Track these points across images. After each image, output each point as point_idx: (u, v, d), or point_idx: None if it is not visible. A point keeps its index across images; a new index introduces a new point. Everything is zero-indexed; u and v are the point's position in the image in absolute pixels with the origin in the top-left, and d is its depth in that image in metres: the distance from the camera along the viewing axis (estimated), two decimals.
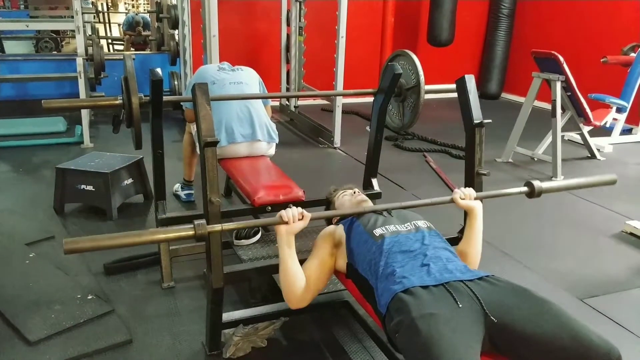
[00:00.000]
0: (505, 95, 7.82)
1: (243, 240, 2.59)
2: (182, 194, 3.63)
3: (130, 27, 8.98)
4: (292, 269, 1.81)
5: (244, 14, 6.55)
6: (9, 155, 4.52)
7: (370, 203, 2.17)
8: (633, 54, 5.45)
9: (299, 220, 1.78)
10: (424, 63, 2.56)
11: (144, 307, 2.46)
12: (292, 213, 1.77)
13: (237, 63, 3.33)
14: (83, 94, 4.74)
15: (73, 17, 4.60)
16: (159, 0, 6.27)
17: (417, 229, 1.82)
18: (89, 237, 1.55)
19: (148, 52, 7.75)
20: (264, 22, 6.57)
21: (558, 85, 4.44)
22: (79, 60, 4.66)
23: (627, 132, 5.74)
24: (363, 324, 2.24)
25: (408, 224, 1.85)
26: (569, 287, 2.73)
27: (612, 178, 2.20)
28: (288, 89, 6.14)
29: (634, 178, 4.46)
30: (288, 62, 6.09)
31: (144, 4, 12.79)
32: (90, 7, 7.45)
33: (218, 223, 1.74)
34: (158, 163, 2.51)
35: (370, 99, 2.63)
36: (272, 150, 3.20)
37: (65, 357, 2.05)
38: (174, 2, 6.01)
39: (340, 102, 5.07)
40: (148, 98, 2.22)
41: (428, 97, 2.60)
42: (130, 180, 3.51)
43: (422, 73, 2.47)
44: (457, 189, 2.01)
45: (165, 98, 2.33)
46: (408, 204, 2.00)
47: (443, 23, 6.72)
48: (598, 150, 5.06)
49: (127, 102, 2.15)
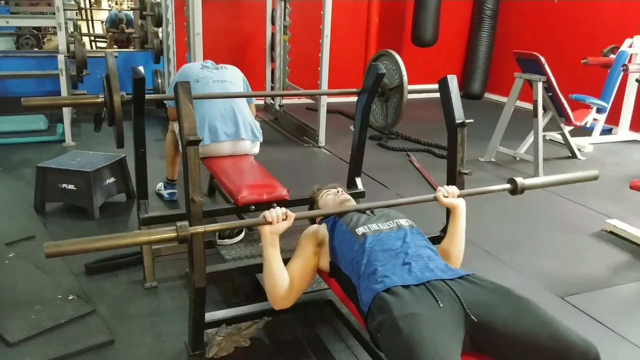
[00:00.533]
0: (488, 96, 7.88)
1: (226, 240, 2.58)
2: (165, 193, 3.60)
3: (113, 24, 8.91)
4: (276, 269, 1.81)
5: (229, 12, 6.52)
6: None
7: (354, 202, 2.17)
8: (613, 56, 5.53)
9: (283, 221, 1.78)
10: (408, 63, 2.57)
11: (126, 307, 2.44)
12: (275, 213, 1.76)
13: (221, 61, 3.32)
14: (65, 92, 4.68)
15: (55, 13, 4.54)
16: None
17: (399, 228, 1.83)
18: (70, 240, 1.52)
19: (131, 49, 7.68)
20: (249, 20, 6.55)
21: (539, 86, 4.49)
22: (61, 58, 4.60)
23: (607, 132, 5.82)
24: (346, 323, 2.25)
25: (390, 222, 1.85)
26: (550, 285, 2.76)
27: (594, 174, 2.23)
28: (272, 88, 6.13)
29: (614, 177, 4.53)
30: (273, 60, 6.08)
31: (128, 1, 12.67)
32: (73, 3, 7.34)
33: (200, 224, 1.73)
34: (140, 162, 2.49)
35: (355, 99, 2.64)
36: (256, 149, 3.20)
37: (46, 358, 2.03)
38: None
39: (325, 101, 5.08)
40: (130, 96, 2.21)
41: (411, 97, 2.62)
42: (113, 179, 3.48)
43: (405, 73, 2.49)
44: (440, 187, 2.02)
45: (148, 96, 2.32)
46: (391, 203, 2.01)
47: (427, 23, 6.76)
48: (579, 150, 5.13)
49: (108, 100, 2.13)
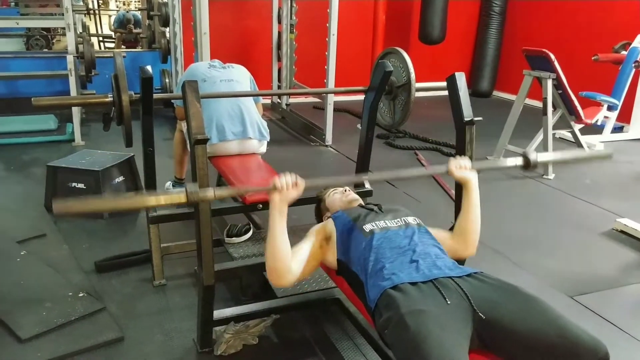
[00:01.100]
0: (497, 93, 7.84)
1: (234, 238, 2.60)
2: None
3: (121, 24, 8.94)
4: (279, 239, 1.72)
5: (235, 12, 6.53)
6: (0, 154, 4.49)
7: (361, 201, 2.17)
8: (624, 52, 5.48)
9: (293, 189, 1.71)
10: (415, 61, 2.56)
11: (135, 304, 2.46)
12: (286, 180, 1.69)
13: (228, 61, 3.32)
14: (74, 92, 4.72)
15: (63, 14, 4.57)
16: None
17: (407, 225, 1.83)
18: (80, 200, 1.57)
19: (139, 49, 7.71)
20: (255, 19, 6.55)
21: (549, 83, 4.46)
22: (70, 58, 4.63)
23: (618, 130, 5.77)
24: (354, 321, 2.25)
25: (398, 220, 1.85)
26: (559, 284, 2.75)
27: (607, 153, 2.19)
28: (279, 87, 6.14)
29: (625, 176, 4.49)
30: (279, 59, 6.09)
31: (135, 2, 12.71)
32: (81, 4, 7.40)
33: (208, 192, 1.63)
34: (149, 161, 2.51)
35: (362, 97, 2.64)
36: (263, 148, 3.20)
37: (57, 354, 2.05)
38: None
39: (332, 99, 5.07)
40: (138, 96, 2.22)
41: (419, 95, 2.60)
42: (121, 178, 3.50)
43: (412, 71, 2.48)
44: (452, 159, 1.93)
45: (156, 96, 2.33)
46: (402, 175, 1.89)
47: (434, 21, 6.73)
48: (589, 148, 5.08)
49: (117, 99, 2.15)
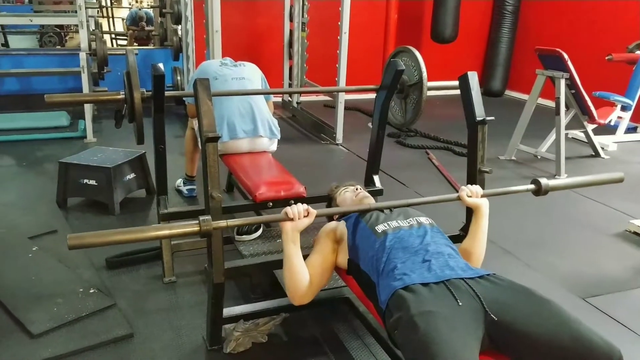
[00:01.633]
0: (509, 93, 7.79)
1: (244, 236, 2.60)
2: (184, 189, 3.63)
3: (134, 22, 8.98)
4: (297, 266, 1.80)
5: (247, 10, 6.54)
6: (12, 150, 4.53)
7: (372, 200, 2.16)
8: (638, 52, 5.42)
9: (305, 217, 1.77)
10: (427, 60, 2.55)
11: (146, 301, 2.47)
12: (297, 209, 1.76)
13: (239, 59, 3.32)
14: (86, 89, 4.74)
15: (77, 11, 4.60)
16: None
17: (419, 225, 1.82)
18: (93, 232, 1.55)
19: (151, 47, 7.73)
20: (267, 17, 6.56)
21: (562, 83, 4.41)
22: (82, 55, 4.66)
23: (631, 130, 5.71)
24: (363, 321, 2.25)
25: (410, 220, 1.84)
26: (571, 286, 2.72)
27: (619, 176, 2.18)
28: (290, 85, 6.14)
29: (638, 177, 4.44)
30: (290, 58, 6.08)
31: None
32: (94, 1, 7.41)
33: (220, 219, 1.73)
34: (160, 158, 2.52)
35: (373, 96, 2.63)
36: (273, 146, 3.20)
37: (67, 350, 2.06)
38: None
39: (343, 98, 5.06)
40: (150, 93, 2.23)
41: (431, 93, 2.60)
42: (133, 175, 3.52)
43: (424, 69, 2.47)
44: (463, 187, 1.99)
45: (168, 93, 2.34)
46: (412, 202, 1.97)
47: (447, 20, 6.71)
48: (602, 149, 5.04)
49: (129, 97, 2.16)
